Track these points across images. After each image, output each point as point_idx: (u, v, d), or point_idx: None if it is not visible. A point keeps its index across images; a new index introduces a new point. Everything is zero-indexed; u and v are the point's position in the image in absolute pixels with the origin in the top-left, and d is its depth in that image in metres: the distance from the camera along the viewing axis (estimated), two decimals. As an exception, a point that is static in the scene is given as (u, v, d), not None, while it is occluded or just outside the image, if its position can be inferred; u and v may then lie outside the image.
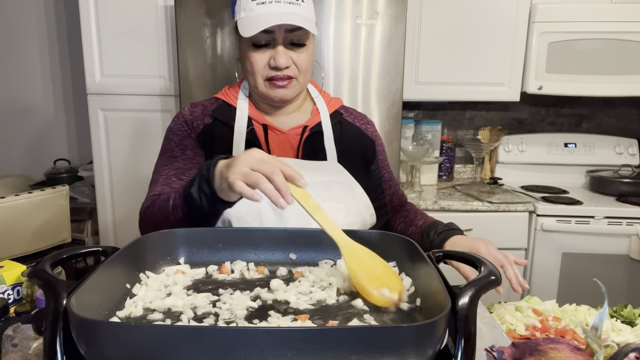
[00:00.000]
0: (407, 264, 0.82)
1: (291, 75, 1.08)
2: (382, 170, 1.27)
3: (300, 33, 1.06)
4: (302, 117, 1.17)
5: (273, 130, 1.14)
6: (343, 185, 1.10)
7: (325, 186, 1.06)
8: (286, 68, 1.07)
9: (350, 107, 1.29)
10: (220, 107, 1.17)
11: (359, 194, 1.12)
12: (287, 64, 1.06)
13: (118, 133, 2.27)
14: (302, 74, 1.10)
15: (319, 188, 1.07)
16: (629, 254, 2.16)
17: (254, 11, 1.02)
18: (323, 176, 1.08)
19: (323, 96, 1.22)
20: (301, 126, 1.15)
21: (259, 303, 0.73)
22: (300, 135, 1.14)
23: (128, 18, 2.17)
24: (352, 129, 1.21)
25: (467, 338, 0.59)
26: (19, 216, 1.69)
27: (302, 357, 0.51)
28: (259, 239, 0.89)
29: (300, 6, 1.04)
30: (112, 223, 2.34)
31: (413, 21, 2.30)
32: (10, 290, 0.99)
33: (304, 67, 1.09)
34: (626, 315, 1.05)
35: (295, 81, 1.09)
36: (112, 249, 0.77)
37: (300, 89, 1.13)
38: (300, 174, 0.79)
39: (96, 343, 0.54)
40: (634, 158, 2.61)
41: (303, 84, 1.13)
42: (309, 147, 1.14)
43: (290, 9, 1.02)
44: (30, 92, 2.89)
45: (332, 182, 1.08)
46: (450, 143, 2.71)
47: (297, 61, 1.07)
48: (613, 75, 2.30)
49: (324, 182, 1.06)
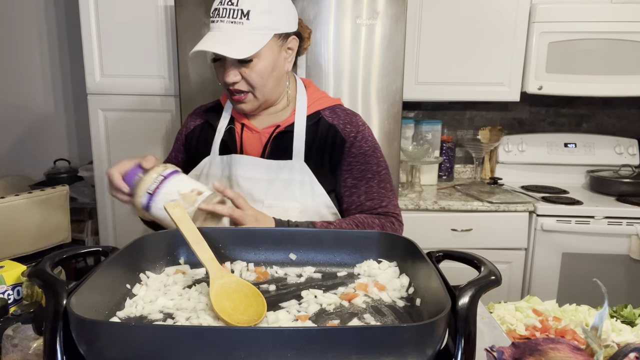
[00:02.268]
0: (407, 264, 0.82)
1: (243, 90, 1.11)
2: (344, 174, 1.18)
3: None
4: (280, 117, 1.21)
5: (249, 129, 1.19)
6: (303, 185, 1.13)
7: (284, 184, 1.12)
8: (235, 83, 1.09)
9: (346, 108, 1.26)
10: (213, 107, 1.26)
11: (320, 194, 1.14)
12: (234, 79, 1.09)
13: (118, 133, 2.27)
14: (257, 87, 1.11)
15: (277, 186, 1.13)
16: (629, 254, 2.16)
17: (203, 32, 1.10)
18: (283, 175, 1.13)
19: (310, 96, 1.22)
20: (274, 125, 1.18)
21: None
22: (270, 134, 1.18)
23: (128, 18, 2.17)
24: (328, 129, 1.19)
25: (467, 338, 0.59)
26: (19, 216, 1.69)
27: (302, 357, 0.51)
28: (259, 239, 0.89)
29: (242, 24, 1.04)
30: (112, 223, 2.34)
31: (413, 21, 2.30)
32: (10, 290, 0.99)
33: (255, 81, 1.10)
34: (626, 315, 1.05)
35: (250, 95, 1.12)
36: (112, 249, 0.77)
37: (260, 101, 1.14)
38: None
39: (96, 343, 0.54)
40: (634, 158, 2.61)
41: (262, 97, 1.14)
42: (276, 146, 1.17)
43: (231, 30, 1.04)
44: (31, 92, 2.89)
45: (291, 180, 1.12)
46: (450, 143, 2.71)
47: (247, 77, 1.09)
48: (613, 75, 2.29)
49: (282, 180, 1.12)
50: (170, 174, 1.00)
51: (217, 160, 1.18)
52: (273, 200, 1.11)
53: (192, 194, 0.97)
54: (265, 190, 1.12)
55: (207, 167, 1.18)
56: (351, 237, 0.90)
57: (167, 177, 0.98)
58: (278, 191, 1.12)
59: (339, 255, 0.89)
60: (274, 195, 1.12)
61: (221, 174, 1.16)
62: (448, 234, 2.23)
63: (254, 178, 1.13)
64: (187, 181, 1.01)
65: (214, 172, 1.17)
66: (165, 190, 0.97)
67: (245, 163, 1.15)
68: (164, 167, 1.01)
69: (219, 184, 1.00)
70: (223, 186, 1.00)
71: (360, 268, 0.87)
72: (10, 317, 0.90)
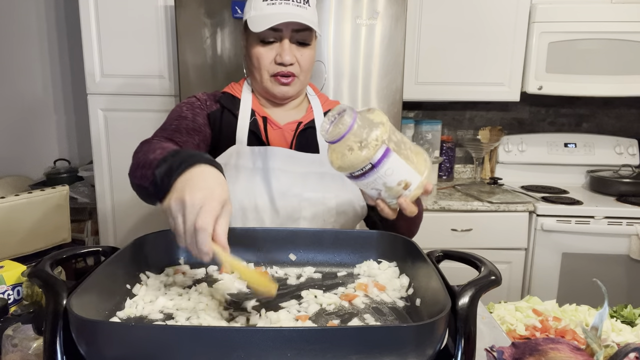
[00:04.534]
0: (407, 264, 0.82)
1: (294, 73, 1.13)
2: None
3: (305, 33, 1.11)
4: (297, 114, 1.22)
5: (271, 124, 1.19)
6: (334, 177, 1.14)
7: (318, 177, 1.13)
8: (290, 65, 1.12)
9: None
10: (226, 96, 1.23)
11: (350, 185, 1.14)
12: (292, 60, 1.12)
13: (118, 133, 2.26)
14: (304, 72, 1.15)
15: (312, 178, 1.13)
16: (629, 254, 2.16)
17: (264, 10, 1.08)
18: (315, 168, 1.14)
19: (319, 97, 1.27)
20: (296, 122, 1.19)
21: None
22: (294, 130, 1.19)
23: (128, 18, 2.16)
24: None
25: (467, 338, 0.59)
26: (19, 216, 1.69)
27: (302, 357, 0.51)
28: (259, 239, 0.89)
29: (306, 9, 1.10)
30: (112, 223, 2.34)
31: (413, 21, 2.30)
32: (10, 290, 0.99)
33: (306, 66, 1.15)
34: (626, 315, 1.05)
35: (297, 79, 1.15)
36: (112, 249, 0.77)
37: (301, 87, 1.18)
38: (227, 245, 0.69)
39: (96, 343, 0.54)
40: (634, 158, 2.61)
41: (304, 83, 1.18)
42: (302, 142, 1.18)
43: (298, 11, 1.08)
44: (31, 92, 2.89)
45: (324, 173, 1.13)
46: (450, 143, 2.71)
47: (301, 60, 1.13)
48: (613, 75, 2.29)
49: (316, 173, 1.13)
50: (381, 159, 0.76)
51: (247, 151, 1.13)
52: (311, 192, 1.12)
53: (398, 188, 0.79)
54: (302, 183, 1.13)
55: (235, 157, 1.13)
56: (351, 237, 0.90)
57: (376, 165, 0.76)
58: (314, 184, 1.13)
59: (339, 256, 0.89)
60: (311, 187, 1.12)
61: (252, 165, 1.12)
62: (448, 234, 2.23)
63: (290, 171, 1.13)
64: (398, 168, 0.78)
65: (244, 163, 1.13)
66: (369, 181, 0.79)
67: (281, 155, 1.13)
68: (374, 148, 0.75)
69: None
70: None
71: (360, 268, 0.87)
72: (10, 317, 0.90)
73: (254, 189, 1.10)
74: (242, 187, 1.10)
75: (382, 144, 0.75)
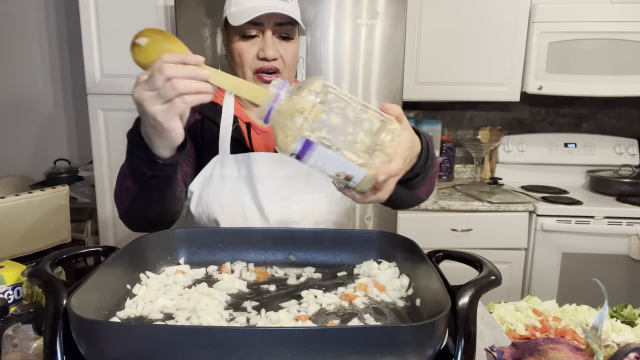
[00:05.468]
0: (407, 264, 0.82)
1: (278, 68, 1.10)
2: None
3: (288, 27, 1.08)
4: None
5: (255, 129, 1.16)
6: (321, 176, 1.11)
7: (304, 178, 1.11)
8: (274, 60, 1.08)
9: None
10: (206, 104, 1.19)
11: None
12: (275, 55, 1.08)
13: (118, 133, 2.26)
14: (288, 68, 1.11)
15: (299, 180, 1.11)
16: (629, 254, 2.16)
17: (244, 4, 1.05)
18: (301, 169, 1.07)
19: None
20: None
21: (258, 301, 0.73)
22: None
23: (128, 18, 2.16)
24: None
25: (467, 338, 0.59)
26: (19, 216, 1.69)
27: (302, 357, 0.51)
28: (259, 239, 0.89)
29: (288, 3, 1.07)
30: (112, 223, 2.34)
31: (413, 21, 2.30)
32: (10, 290, 0.99)
33: (290, 62, 1.11)
34: (626, 315, 1.05)
35: (280, 76, 1.11)
36: (112, 249, 0.77)
37: None
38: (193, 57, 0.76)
39: (96, 343, 0.54)
40: (634, 158, 2.61)
41: (288, 79, 1.13)
42: None
43: (280, 4, 1.05)
44: (31, 91, 2.89)
45: (310, 173, 1.10)
46: (450, 143, 2.71)
47: (284, 55, 1.09)
48: (613, 75, 2.29)
49: (302, 175, 1.10)
50: (303, 151, 0.68)
51: (230, 160, 1.12)
52: (299, 195, 1.10)
53: (339, 179, 0.71)
54: (289, 187, 1.10)
55: (219, 167, 1.12)
56: (351, 237, 0.90)
57: (301, 156, 0.69)
58: (301, 185, 1.11)
59: (339, 256, 0.89)
60: (298, 190, 1.10)
61: (237, 174, 1.11)
62: (448, 234, 2.23)
63: (276, 175, 1.10)
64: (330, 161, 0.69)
65: (228, 172, 1.11)
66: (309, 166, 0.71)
67: (265, 160, 1.11)
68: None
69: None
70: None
71: (360, 268, 0.87)
72: (10, 317, 0.90)
73: (241, 198, 1.08)
74: (228, 197, 1.07)
75: (299, 137, 0.66)
